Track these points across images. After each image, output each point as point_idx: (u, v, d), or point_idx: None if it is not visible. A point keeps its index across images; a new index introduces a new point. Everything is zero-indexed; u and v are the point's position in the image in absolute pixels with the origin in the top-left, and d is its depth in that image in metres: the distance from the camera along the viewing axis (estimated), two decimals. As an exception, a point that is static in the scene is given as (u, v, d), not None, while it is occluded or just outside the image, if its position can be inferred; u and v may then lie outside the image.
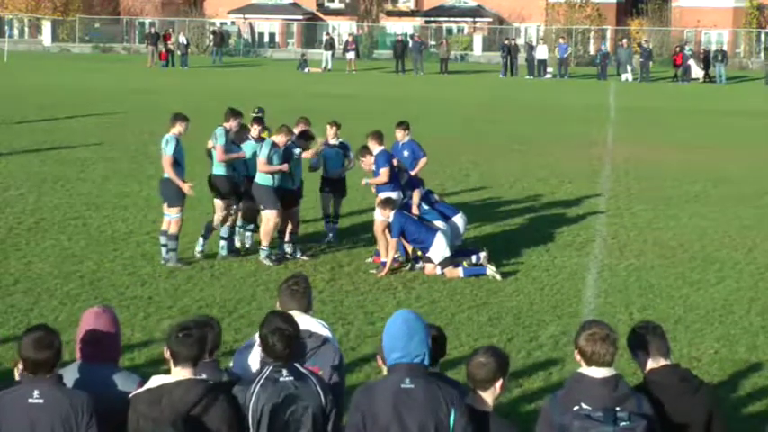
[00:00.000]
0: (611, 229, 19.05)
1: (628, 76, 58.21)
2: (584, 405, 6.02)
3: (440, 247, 15.51)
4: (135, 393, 6.19)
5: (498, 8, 78.73)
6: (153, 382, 6.18)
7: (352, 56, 62.66)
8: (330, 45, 63.04)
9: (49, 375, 6.07)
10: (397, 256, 15.85)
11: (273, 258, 15.92)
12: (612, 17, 76.41)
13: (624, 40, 61.64)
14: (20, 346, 6.13)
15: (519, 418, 9.65)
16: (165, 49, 62.34)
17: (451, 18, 79.87)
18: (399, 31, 72.38)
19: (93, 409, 6.05)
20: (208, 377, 6.50)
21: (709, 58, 60.18)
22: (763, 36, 72.68)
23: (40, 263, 15.62)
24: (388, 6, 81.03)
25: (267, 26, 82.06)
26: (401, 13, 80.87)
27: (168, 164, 15.42)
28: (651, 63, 59.36)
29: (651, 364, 6.58)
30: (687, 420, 6.44)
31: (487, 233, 18.53)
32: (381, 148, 16.36)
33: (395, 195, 16.09)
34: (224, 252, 16.17)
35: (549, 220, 19.70)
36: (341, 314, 13.43)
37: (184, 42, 62.94)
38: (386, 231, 15.73)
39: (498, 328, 12.99)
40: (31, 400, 6.01)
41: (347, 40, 65.86)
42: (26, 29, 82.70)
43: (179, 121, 15.58)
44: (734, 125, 36.94)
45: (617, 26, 74.90)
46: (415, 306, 13.82)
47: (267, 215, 15.92)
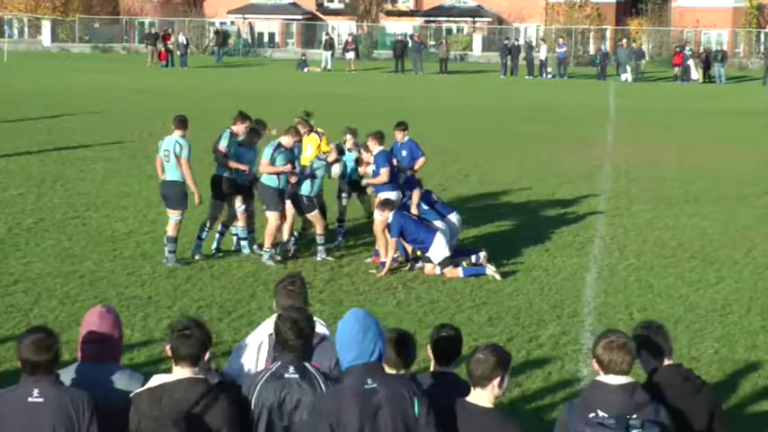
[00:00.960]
0: (610, 229, 19.05)
1: (627, 76, 58.22)
2: (600, 412, 6.03)
3: (439, 247, 15.51)
4: (136, 392, 6.19)
5: (498, 8, 78.74)
6: (154, 381, 6.19)
7: (351, 56, 62.68)
8: (329, 45, 63.04)
9: (49, 375, 6.07)
10: (396, 255, 15.85)
11: (277, 259, 15.91)
12: (612, 17, 76.43)
13: (624, 40, 61.65)
14: (19, 348, 6.11)
15: (518, 417, 9.64)
16: (165, 48, 62.34)
17: (451, 18, 79.87)
18: (399, 31, 72.38)
19: (94, 408, 6.05)
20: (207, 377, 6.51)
21: (710, 59, 60.19)
22: (762, 36, 72.69)
23: (40, 263, 15.62)
24: (388, 6, 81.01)
25: (267, 26, 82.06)
26: (401, 13, 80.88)
27: (187, 167, 15.44)
28: (643, 61, 59.35)
29: (654, 363, 6.59)
30: (690, 420, 6.44)
31: (487, 233, 18.54)
32: (381, 148, 16.38)
33: (394, 195, 16.10)
34: (247, 250, 16.20)
35: (549, 220, 19.70)
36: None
37: (184, 42, 62.95)
38: (386, 231, 15.73)
39: (498, 328, 13.00)
40: (30, 399, 6.01)
41: (347, 40, 65.88)
42: (26, 29, 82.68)
43: (185, 124, 15.66)
44: (733, 125, 36.94)
45: (617, 26, 74.92)
46: (415, 306, 13.83)
47: (269, 216, 15.92)
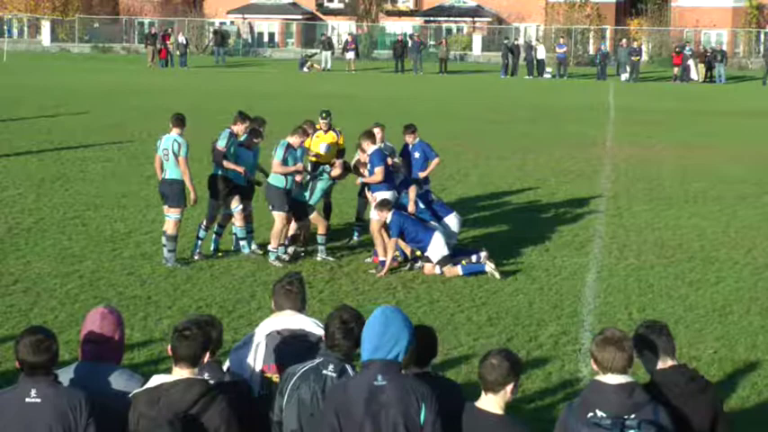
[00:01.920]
0: (610, 229, 19.05)
1: (627, 76, 58.21)
2: (599, 412, 6.01)
3: (438, 246, 15.50)
4: (135, 392, 6.18)
5: (498, 8, 78.74)
6: (153, 381, 6.18)
7: (351, 56, 62.67)
8: (328, 45, 63.02)
9: (47, 376, 6.06)
10: (396, 255, 15.85)
11: (283, 260, 15.90)
12: (612, 17, 76.43)
13: (624, 40, 61.64)
14: (17, 348, 6.09)
15: (518, 418, 9.63)
16: (164, 48, 62.31)
17: (451, 18, 79.87)
18: (399, 30, 72.35)
19: (92, 408, 6.04)
20: (210, 377, 6.51)
21: (710, 58, 60.17)
22: (762, 36, 72.69)
23: (40, 262, 15.61)
24: (388, 6, 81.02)
25: (266, 26, 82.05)
26: (400, 13, 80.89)
27: (185, 165, 15.43)
28: (638, 58, 59.35)
29: (659, 364, 6.55)
30: (695, 420, 6.42)
31: (487, 233, 18.53)
32: (375, 147, 16.36)
33: (389, 195, 16.08)
34: (246, 250, 16.18)
35: (549, 220, 19.70)
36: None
37: (184, 42, 62.95)
38: (382, 231, 15.73)
39: (498, 328, 12.99)
40: (28, 399, 5.99)
41: (347, 40, 65.88)
42: (25, 29, 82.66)
43: (183, 122, 15.64)
44: (733, 125, 36.94)
45: (616, 26, 74.91)
46: (414, 306, 13.82)
47: (276, 216, 15.91)
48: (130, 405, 6.14)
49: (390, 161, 16.56)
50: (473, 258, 15.79)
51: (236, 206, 16.16)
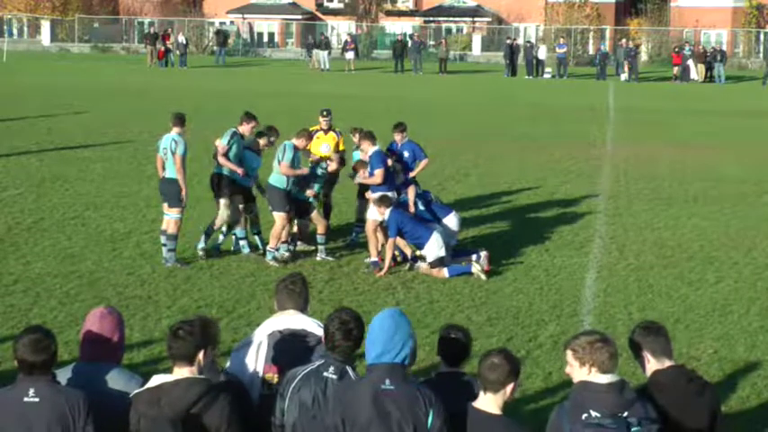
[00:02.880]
0: (610, 228, 19.05)
1: (626, 76, 58.19)
2: (592, 413, 5.98)
3: (434, 247, 15.47)
4: (136, 392, 6.18)
5: (497, 8, 78.72)
6: (153, 381, 6.18)
7: (351, 56, 62.67)
8: (326, 45, 63.02)
9: (45, 375, 6.06)
10: (395, 255, 15.84)
11: (280, 259, 15.90)
12: (612, 17, 76.45)
13: (623, 40, 61.62)
14: (15, 347, 6.09)
15: (518, 418, 9.63)
16: (164, 47, 62.30)
17: (450, 18, 79.86)
18: (398, 30, 72.34)
19: (90, 408, 6.03)
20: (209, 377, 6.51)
21: (710, 58, 60.17)
22: (762, 36, 72.69)
23: (40, 262, 15.61)
24: (387, 6, 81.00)
25: (266, 26, 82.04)
26: (400, 13, 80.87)
27: (180, 164, 15.43)
28: (636, 56, 59.36)
29: (657, 365, 6.53)
30: (694, 421, 6.41)
31: (487, 233, 18.53)
32: (376, 148, 16.35)
33: (390, 195, 16.06)
34: (246, 250, 16.18)
35: (549, 220, 19.69)
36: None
37: (183, 42, 62.93)
38: (377, 231, 15.72)
39: (497, 328, 12.99)
40: (26, 398, 5.99)
41: (346, 40, 65.86)
42: (25, 28, 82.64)
43: (183, 121, 15.64)
44: (733, 125, 36.94)
45: (616, 26, 74.92)
46: (414, 306, 13.82)
47: (276, 217, 15.91)
48: (130, 405, 6.14)
49: (390, 162, 16.56)
50: (474, 259, 15.79)
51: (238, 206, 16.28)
